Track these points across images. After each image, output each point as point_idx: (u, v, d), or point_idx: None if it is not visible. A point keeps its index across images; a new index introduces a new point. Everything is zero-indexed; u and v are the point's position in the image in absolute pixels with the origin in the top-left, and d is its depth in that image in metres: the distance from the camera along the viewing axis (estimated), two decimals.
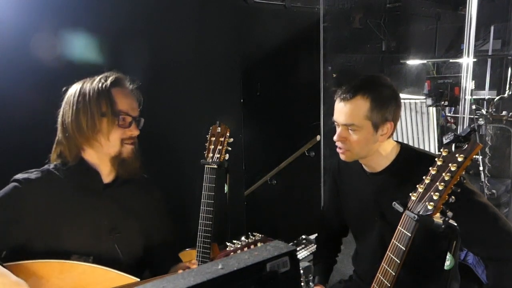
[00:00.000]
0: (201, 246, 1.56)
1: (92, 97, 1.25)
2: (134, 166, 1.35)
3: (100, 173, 1.33)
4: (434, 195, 1.03)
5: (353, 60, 4.42)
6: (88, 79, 1.32)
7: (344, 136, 1.36)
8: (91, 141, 1.27)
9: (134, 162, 1.35)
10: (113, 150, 1.30)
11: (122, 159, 1.32)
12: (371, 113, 1.32)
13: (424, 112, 4.03)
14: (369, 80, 1.38)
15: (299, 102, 3.43)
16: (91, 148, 1.29)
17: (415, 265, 1.27)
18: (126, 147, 1.31)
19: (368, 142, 1.35)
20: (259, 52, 3.13)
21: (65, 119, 1.27)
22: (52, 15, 1.94)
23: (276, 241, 0.70)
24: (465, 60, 2.99)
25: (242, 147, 2.95)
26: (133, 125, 1.32)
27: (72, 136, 1.27)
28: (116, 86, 1.30)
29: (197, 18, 2.56)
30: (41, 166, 1.32)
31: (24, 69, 1.81)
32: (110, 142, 1.28)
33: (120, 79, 1.33)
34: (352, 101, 1.33)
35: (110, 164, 1.32)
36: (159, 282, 0.58)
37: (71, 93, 1.29)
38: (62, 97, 1.31)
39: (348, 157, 1.41)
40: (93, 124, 1.25)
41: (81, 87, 1.28)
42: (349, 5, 4.23)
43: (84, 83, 1.30)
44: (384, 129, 1.35)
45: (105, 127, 1.26)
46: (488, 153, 3.63)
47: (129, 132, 1.31)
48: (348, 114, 1.33)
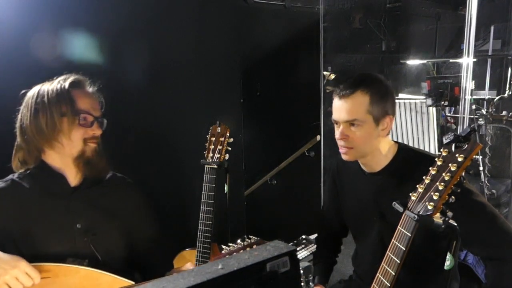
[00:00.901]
0: (201, 246, 1.56)
1: (51, 98, 1.23)
2: (100, 165, 1.33)
3: (66, 177, 1.30)
4: (434, 195, 1.03)
5: (353, 60, 4.42)
6: (46, 81, 1.30)
7: (346, 133, 1.37)
8: (51, 142, 1.24)
9: (99, 161, 1.33)
10: (75, 150, 1.27)
11: (86, 159, 1.29)
12: (372, 107, 1.34)
13: (424, 112, 4.03)
14: (365, 76, 1.41)
15: (299, 102, 3.43)
16: (52, 149, 1.27)
17: (415, 265, 1.27)
18: (89, 146, 1.29)
19: (371, 137, 1.36)
20: (259, 52, 3.13)
21: (24, 122, 1.25)
22: (52, 15, 1.94)
23: (276, 241, 0.70)
24: (465, 60, 2.99)
25: (242, 147, 2.95)
26: (95, 124, 1.30)
27: (32, 139, 1.24)
28: (75, 87, 1.28)
29: (197, 18, 2.55)
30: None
31: (23, 69, 1.81)
32: (72, 142, 1.25)
33: (80, 80, 1.31)
34: (353, 96, 1.34)
35: (74, 166, 1.30)
36: (159, 282, 0.58)
37: (29, 96, 1.26)
38: (20, 101, 1.28)
39: (351, 156, 1.41)
40: (53, 124, 1.23)
41: (39, 89, 1.26)
42: (349, 5, 4.23)
43: (42, 85, 1.27)
44: (384, 123, 1.37)
45: (66, 126, 1.24)
46: (488, 153, 3.63)
47: (91, 131, 1.28)
48: (350, 110, 1.34)
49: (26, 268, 1.12)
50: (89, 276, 1.20)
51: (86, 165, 1.30)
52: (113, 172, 1.44)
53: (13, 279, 1.11)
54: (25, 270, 1.12)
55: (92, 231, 1.29)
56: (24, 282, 1.12)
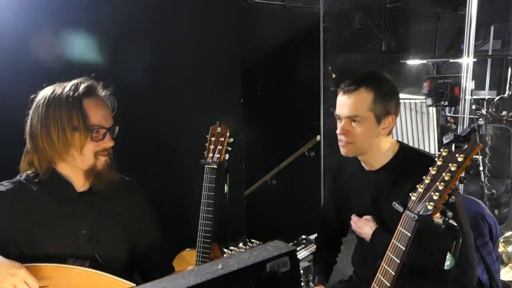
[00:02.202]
0: (201, 246, 1.56)
1: (63, 109, 1.19)
2: (110, 177, 1.30)
3: (73, 184, 1.28)
4: (434, 195, 1.03)
5: (353, 60, 4.42)
6: (57, 85, 1.24)
7: (347, 129, 1.38)
8: (63, 155, 1.22)
9: (109, 173, 1.30)
10: (86, 164, 1.25)
11: (97, 172, 1.27)
12: (374, 104, 1.35)
13: (424, 112, 4.03)
14: (371, 74, 1.42)
15: (299, 102, 3.43)
16: (63, 162, 1.25)
17: (415, 265, 1.27)
18: (100, 160, 1.26)
19: (371, 135, 1.37)
20: (259, 52, 3.13)
21: (34, 131, 1.21)
22: (52, 15, 1.94)
23: (276, 241, 0.70)
24: (465, 60, 2.99)
25: (242, 147, 2.95)
26: (107, 136, 1.26)
27: (43, 150, 1.21)
28: (88, 96, 1.23)
29: (197, 18, 2.56)
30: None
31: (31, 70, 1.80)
32: (83, 156, 1.23)
33: (92, 87, 1.26)
34: (356, 93, 1.36)
35: (84, 177, 1.28)
36: (159, 282, 0.58)
37: (39, 102, 1.22)
38: (29, 105, 1.23)
39: (349, 151, 1.41)
40: (65, 138, 1.19)
41: (49, 96, 1.21)
42: (349, 5, 4.23)
43: (53, 91, 1.22)
44: (386, 122, 1.38)
45: (78, 141, 1.20)
46: (488, 153, 3.63)
47: (103, 144, 1.25)
48: (352, 105, 1.36)
49: (25, 276, 1.11)
50: (89, 277, 1.19)
51: (96, 177, 1.28)
52: (120, 175, 1.42)
53: (11, 287, 1.10)
54: (24, 278, 1.11)
55: (96, 238, 1.28)
56: None
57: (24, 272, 1.12)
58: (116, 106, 1.33)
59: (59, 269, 1.18)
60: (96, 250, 1.27)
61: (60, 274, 1.18)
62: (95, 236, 1.28)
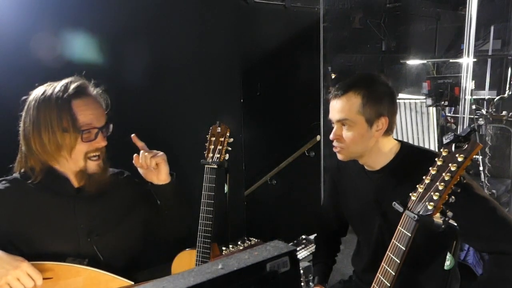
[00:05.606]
0: (201, 246, 1.56)
1: (52, 111, 1.18)
2: (101, 179, 1.29)
3: (70, 180, 1.29)
4: (434, 195, 1.03)
5: (353, 60, 4.42)
6: (48, 85, 1.24)
7: (339, 134, 1.39)
8: (55, 157, 1.23)
9: (100, 176, 1.29)
10: (77, 166, 1.25)
11: (89, 174, 1.27)
12: (363, 108, 1.34)
13: (424, 112, 4.03)
14: (362, 77, 1.42)
15: (299, 102, 3.43)
16: (57, 163, 1.25)
17: (415, 265, 1.27)
18: (90, 164, 1.26)
19: (363, 139, 1.37)
20: (259, 52, 3.13)
21: (26, 133, 1.22)
22: (52, 15, 1.94)
23: (276, 241, 0.70)
24: (465, 60, 2.99)
25: (242, 147, 2.95)
26: (99, 136, 1.24)
27: (36, 152, 1.22)
28: (77, 97, 1.21)
29: (197, 18, 2.56)
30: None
31: (25, 69, 1.80)
32: (73, 159, 1.23)
33: (82, 87, 1.25)
34: (344, 97, 1.37)
35: (77, 178, 1.28)
36: (159, 282, 0.58)
37: (30, 104, 1.22)
38: (21, 106, 1.23)
39: (344, 156, 1.42)
40: (55, 140, 1.19)
41: (39, 98, 1.21)
42: (349, 5, 4.23)
43: (44, 92, 1.22)
44: (379, 124, 1.36)
45: (68, 143, 1.20)
46: (488, 153, 3.63)
47: (95, 144, 1.24)
48: (341, 109, 1.37)
49: (28, 269, 1.11)
50: (89, 276, 1.20)
51: (88, 178, 1.28)
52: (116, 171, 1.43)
53: (15, 280, 1.10)
54: (27, 271, 1.11)
55: (96, 232, 1.28)
56: (25, 283, 1.11)
57: (27, 265, 1.12)
58: (110, 103, 1.32)
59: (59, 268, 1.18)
60: (95, 245, 1.27)
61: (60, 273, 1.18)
62: (94, 230, 1.28)
